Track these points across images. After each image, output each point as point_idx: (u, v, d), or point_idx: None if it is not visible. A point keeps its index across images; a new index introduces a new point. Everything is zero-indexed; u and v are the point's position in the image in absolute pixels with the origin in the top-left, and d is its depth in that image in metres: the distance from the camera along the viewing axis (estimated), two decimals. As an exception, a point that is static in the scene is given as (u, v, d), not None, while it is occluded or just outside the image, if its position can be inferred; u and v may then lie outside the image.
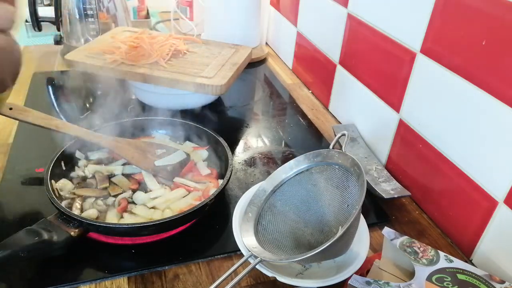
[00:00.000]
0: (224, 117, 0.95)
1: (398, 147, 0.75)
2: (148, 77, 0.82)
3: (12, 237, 0.53)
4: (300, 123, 0.94)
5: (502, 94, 0.54)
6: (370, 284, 0.47)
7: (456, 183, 0.63)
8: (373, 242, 0.63)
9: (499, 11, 0.53)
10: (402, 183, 0.73)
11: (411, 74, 0.69)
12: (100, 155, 0.74)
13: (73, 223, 0.56)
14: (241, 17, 1.15)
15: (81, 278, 0.55)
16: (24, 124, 0.71)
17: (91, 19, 1.08)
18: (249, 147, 0.85)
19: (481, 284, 0.47)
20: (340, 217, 0.56)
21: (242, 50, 0.95)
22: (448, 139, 0.64)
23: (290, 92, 1.07)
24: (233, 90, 0.89)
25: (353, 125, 0.88)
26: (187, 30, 1.31)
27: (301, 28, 1.10)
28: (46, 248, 0.54)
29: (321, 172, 0.59)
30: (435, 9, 0.63)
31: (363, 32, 0.81)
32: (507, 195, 0.55)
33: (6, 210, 0.65)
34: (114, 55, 0.85)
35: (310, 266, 0.58)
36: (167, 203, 0.65)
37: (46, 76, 1.06)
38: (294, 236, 0.59)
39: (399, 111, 0.74)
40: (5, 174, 0.72)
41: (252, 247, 0.54)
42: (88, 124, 0.75)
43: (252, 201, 0.60)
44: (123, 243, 0.61)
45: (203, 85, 0.80)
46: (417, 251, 0.51)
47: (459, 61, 0.60)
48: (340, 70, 0.93)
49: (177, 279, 0.56)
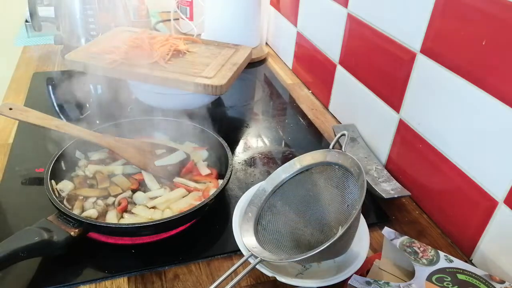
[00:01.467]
0: (224, 117, 0.95)
1: (398, 147, 0.75)
2: (148, 77, 0.82)
3: (12, 237, 0.53)
4: (300, 123, 0.94)
5: (502, 94, 0.54)
6: (370, 284, 0.47)
7: (456, 183, 0.63)
8: (373, 242, 0.63)
9: (499, 11, 0.53)
10: (402, 183, 0.73)
11: (411, 74, 0.69)
12: (100, 155, 0.74)
13: (73, 223, 0.57)
14: (241, 17, 1.15)
15: (81, 278, 0.55)
16: (24, 124, 0.71)
17: (91, 19, 1.08)
18: (249, 147, 0.85)
19: (481, 284, 0.47)
20: (340, 217, 0.56)
21: (242, 50, 0.95)
22: (448, 139, 0.64)
23: (290, 92, 1.07)
24: (233, 90, 0.89)
25: (353, 125, 0.88)
26: (187, 30, 1.31)
27: (301, 28, 1.10)
28: (46, 248, 0.54)
29: (321, 172, 0.59)
30: (435, 9, 0.63)
31: (363, 32, 0.81)
32: (507, 195, 0.55)
33: (6, 210, 0.65)
34: (114, 55, 0.85)
35: (310, 266, 0.58)
36: (167, 203, 0.65)
37: (46, 76, 1.06)
38: (294, 236, 0.59)
39: (399, 111, 0.74)
40: (5, 174, 0.72)
41: (252, 247, 0.54)
42: (88, 124, 0.75)
43: (252, 201, 0.60)
44: (123, 243, 0.61)
45: (203, 85, 0.80)
46: (417, 251, 0.51)
47: (459, 61, 0.60)
48: (340, 70, 0.93)
49: (177, 279, 0.56)
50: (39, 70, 1.09)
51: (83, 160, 0.73)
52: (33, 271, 0.56)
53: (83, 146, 0.73)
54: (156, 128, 0.79)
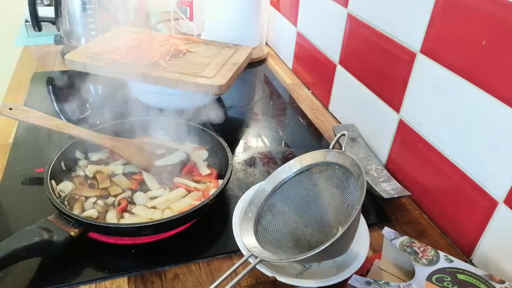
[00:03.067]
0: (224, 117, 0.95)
1: (398, 147, 0.75)
2: (148, 77, 0.82)
3: (12, 237, 0.53)
4: (300, 123, 0.94)
5: (502, 94, 0.54)
6: (370, 284, 0.47)
7: (456, 183, 0.63)
8: (373, 242, 0.63)
9: (499, 11, 0.53)
10: (402, 183, 0.73)
11: (411, 74, 0.69)
12: (101, 155, 0.74)
13: (73, 223, 0.56)
14: (241, 17, 1.15)
15: (81, 278, 0.55)
16: (24, 124, 0.71)
17: (91, 19, 1.08)
18: (249, 147, 0.85)
19: (481, 284, 0.47)
20: (340, 217, 0.56)
21: (242, 50, 0.95)
22: (448, 139, 0.64)
23: (290, 92, 1.07)
24: (233, 90, 0.89)
25: (353, 125, 0.88)
26: (187, 30, 1.31)
27: (301, 28, 1.10)
28: (46, 248, 0.54)
29: (321, 172, 0.59)
30: (435, 9, 0.63)
31: (363, 32, 0.81)
32: (507, 195, 0.55)
33: (6, 210, 0.65)
34: (114, 55, 0.85)
35: (310, 266, 0.58)
36: (167, 203, 0.65)
37: (46, 76, 1.06)
38: (294, 236, 0.59)
39: (399, 111, 0.74)
40: (5, 174, 0.72)
41: (252, 247, 0.54)
42: (88, 124, 0.75)
43: (252, 201, 0.60)
44: (123, 243, 0.61)
45: (203, 85, 0.80)
46: (417, 251, 0.51)
47: (459, 61, 0.60)
48: (340, 70, 0.93)
49: (177, 279, 0.56)
50: (39, 70, 1.08)
51: (83, 160, 0.73)
52: (33, 271, 0.56)
53: (83, 146, 0.73)
54: (156, 128, 0.79)
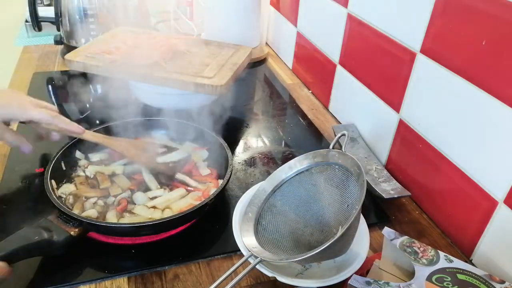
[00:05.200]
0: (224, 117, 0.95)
1: (398, 147, 0.75)
2: (148, 77, 0.82)
3: (12, 237, 0.53)
4: (300, 123, 0.94)
5: (502, 94, 0.54)
6: (370, 284, 0.47)
7: (456, 183, 0.63)
8: (373, 242, 0.63)
9: (499, 11, 0.53)
10: (402, 183, 0.73)
11: (411, 74, 0.69)
12: (101, 156, 0.74)
13: (73, 223, 0.56)
14: (241, 17, 1.15)
15: (81, 278, 0.55)
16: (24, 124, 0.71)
17: (91, 19, 1.08)
18: (249, 147, 0.85)
19: (481, 284, 0.47)
20: (340, 217, 0.56)
21: (242, 50, 0.95)
22: (448, 139, 0.64)
23: (290, 92, 1.07)
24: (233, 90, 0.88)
25: (353, 125, 0.88)
26: (187, 30, 1.31)
27: (301, 28, 1.10)
28: (46, 248, 0.54)
29: (321, 172, 0.59)
30: (435, 9, 0.63)
31: (363, 32, 0.81)
32: (507, 195, 0.55)
33: (6, 210, 0.65)
34: (114, 55, 0.85)
35: (310, 266, 0.58)
36: (167, 203, 0.65)
37: (46, 76, 1.06)
38: (294, 236, 0.59)
39: (399, 111, 0.74)
40: (5, 174, 0.72)
41: (252, 247, 0.54)
42: (88, 124, 0.75)
43: (252, 201, 0.60)
44: (123, 243, 0.60)
45: (203, 85, 0.80)
46: (417, 251, 0.51)
47: (459, 61, 0.60)
48: (340, 70, 0.93)
49: (177, 279, 0.56)
50: (39, 70, 1.08)
51: (83, 161, 0.73)
52: (33, 271, 0.56)
53: (83, 146, 0.73)
54: (156, 128, 0.79)
